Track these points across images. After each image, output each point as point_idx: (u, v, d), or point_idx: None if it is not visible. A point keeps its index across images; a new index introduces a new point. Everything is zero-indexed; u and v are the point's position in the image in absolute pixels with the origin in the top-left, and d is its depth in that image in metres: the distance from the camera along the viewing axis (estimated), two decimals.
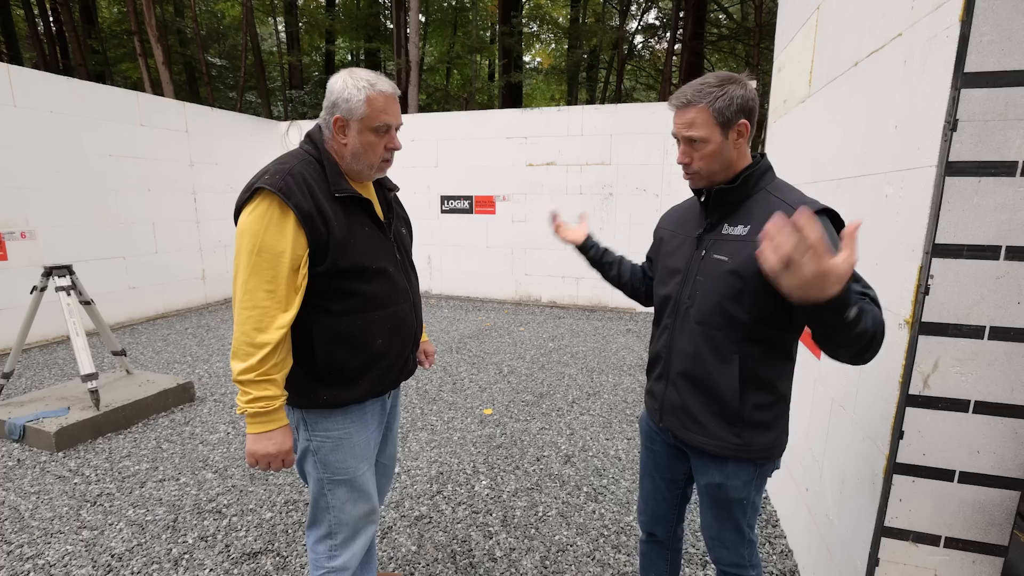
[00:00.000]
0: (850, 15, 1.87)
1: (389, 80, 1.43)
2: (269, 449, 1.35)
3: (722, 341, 1.28)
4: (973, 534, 1.39)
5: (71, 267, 3.63)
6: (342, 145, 1.42)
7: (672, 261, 1.42)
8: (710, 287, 1.28)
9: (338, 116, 1.38)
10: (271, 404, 1.33)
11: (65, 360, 4.87)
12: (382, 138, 1.42)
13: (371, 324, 1.45)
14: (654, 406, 1.49)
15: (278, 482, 2.81)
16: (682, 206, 1.53)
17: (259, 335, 1.30)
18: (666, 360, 1.42)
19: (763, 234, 0.94)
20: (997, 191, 1.22)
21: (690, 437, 1.38)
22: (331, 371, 1.44)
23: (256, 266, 1.31)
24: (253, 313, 1.31)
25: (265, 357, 1.30)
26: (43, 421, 3.22)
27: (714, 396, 1.31)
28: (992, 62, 1.17)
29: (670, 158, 6.62)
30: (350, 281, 1.41)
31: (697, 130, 1.23)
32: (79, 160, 5.66)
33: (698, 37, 12.39)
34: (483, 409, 3.82)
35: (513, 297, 7.63)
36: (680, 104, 1.26)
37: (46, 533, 2.40)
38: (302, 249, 1.33)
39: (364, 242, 1.43)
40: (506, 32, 13.18)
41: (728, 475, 1.36)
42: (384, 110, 1.39)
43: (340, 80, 1.39)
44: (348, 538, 1.55)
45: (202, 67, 13.62)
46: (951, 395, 1.34)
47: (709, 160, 1.26)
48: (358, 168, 1.45)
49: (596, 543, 2.36)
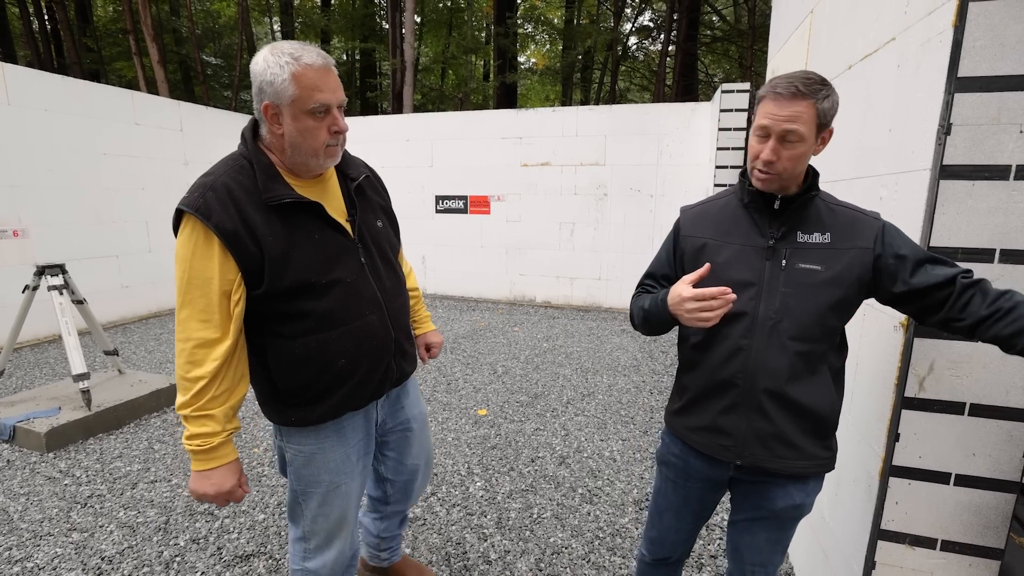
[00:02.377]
0: (844, 19, 1.88)
1: (318, 49, 1.21)
2: (207, 490, 1.25)
3: (814, 354, 1.22)
4: (969, 537, 1.39)
5: (64, 266, 3.60)
6: (279, 136, 1.23)
7: (733, 274, 1.24)
8: (807, 299, 1.19)
9: (267, 103, 1.19)
10: (208, 441, 1.23)
11: (56, 360, 4.83)
12: (322, 121, 1.21)
13: (328, 344, 1.30)
14: (724, 444, 1.29)
15: (271, 484, 2.80)
16: (708, 211, 1.36)
17: (193, 369, 1.20)
18: (746, 387, 1.24)
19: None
20: (990, 195, 1.22)
21: (783, 466, 1.25)
22: (293, 393, 1.34)
23: (188, 295, 1.19)
24: (186, 346, 1.20)
25: (200, 391, 1.20)
26: (33, 421, 3.18)
27: (810, 414, 1.23)
28: (985, 67, 1.18)
29: (664, 158, 6.63)
30: (297, 301, 1.26)
31: (801, 125, 1.11)
32: (73, 159, 5.62)
33: (692, 39, 12.43)
34: (478, 410, 3.81)
35: (507, 297, 7.62)
36: (790, 94, 1.11)
37: (35, 535, 2.37)
38: (232, 273, 1.19)
39: (311, 254, 1.26)
40: (501, 33, 13.18)
41: (808, 493, 1.30)
42: (316, 87, 1.17)
43: (261, 59, 1.18)
44: (321, 545, 1.50)
45: (197, 66, 13.56)
46: (946, 398, 1.34)
47: (796, 161, 1.15)
48: (301, 160, 1.25)
49: (591, 545, 2.35)
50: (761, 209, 1.25)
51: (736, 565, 1.45)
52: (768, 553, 1.38)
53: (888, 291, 1.18)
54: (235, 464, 1.30)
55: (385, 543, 1.93)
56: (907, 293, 1.15)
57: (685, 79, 12.24)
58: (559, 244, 7.27)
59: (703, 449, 1.33)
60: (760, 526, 1.36)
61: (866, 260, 1.17)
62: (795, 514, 1.33)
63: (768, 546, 1.37)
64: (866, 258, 1.17)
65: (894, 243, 1.16)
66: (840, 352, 1.29)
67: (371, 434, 1.56)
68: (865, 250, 1.17)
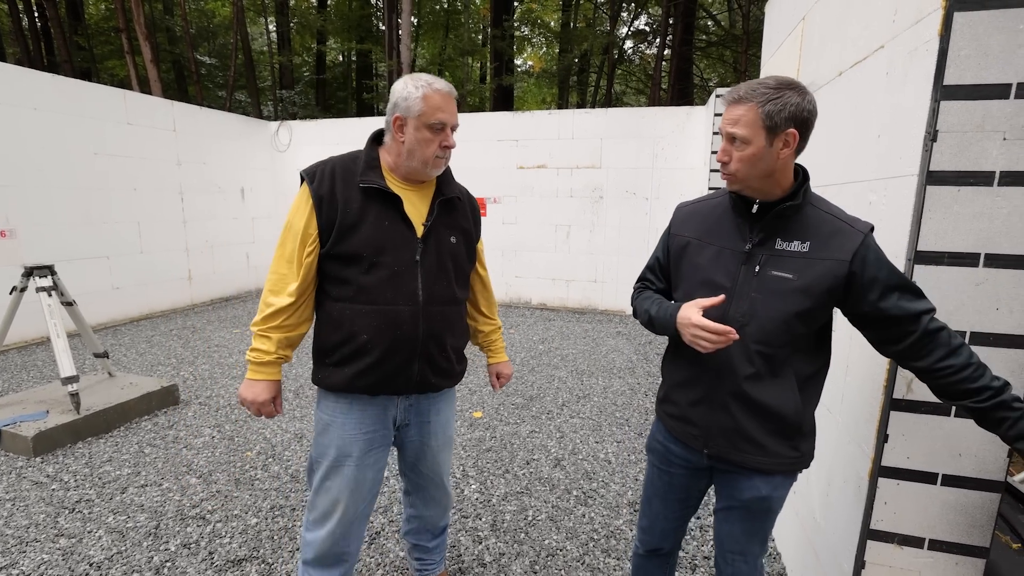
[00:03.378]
0: (834, 26, 1.90)
1: (447, 82, 1.49)
2: (247, 395, 1.53)
3: (779, 358, 1.25)
4: (956, 536, 1.41)
5: (53, 267, 3.56)
6: (399, 143, 1.48)
7: (711, 275, 1.31)
8: (773, 306, 1.22)
9: (397, 115, 1.46)
10: (261, 357, 1.50)
11: (45, 362, 4.78)
12: (437, 135, 1.46)
13: (358, 316, 1.48)
14: (693, 432, 1.38)
15: (264, 487, 2.79)
16: (700, 210, 1.41)
17: (271, 296, 1.49)
18: (710, 382, 1.32)
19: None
20: (976, 200, 1.25)
21: (745, 459, 1.32)
22: (323, 351, 1.55)
23: (283, 239, 1.49)
24: (272, 277, 1.49)
25: (269, 316, 1.48)
26: (20, 425, 3.14)
27: (773, 414, 1.27)
28: (970, 75, 1.20)
29: (659, 162, 6.67)
30: (347, 268, 1.47)
31: (740, 128, 1.16)
32: (63, 158, 5.58)
33: (687, 43, 12.48)
34: (473, 412, 3.81)
35: (503, 299, 7.62)
36: (732, 100, 1.19)
37: (21, 541, 2.35)
38: (312, 229, 1.45)
39: (373, 234, 1.46)
40: (498, 35, 13.20)
41: (775, 487, 1.35)
42: (440, 108, 1.45)
43: (401, 82, 1.47)
44: (318, 520, 1.61)
45: (191, 66, 13.48)
46: (933, 399, 1.36)
47: (747, 163, 1.18)
48: (413, 165, 1.49)
49: (586, 547, 2.36)
50: (743, 213, 1.29)
51: (719, 552, 1.51)
52: (745, 542, 1.43)
53: (852, 309, 1.21)
54: (275, 384, 1.56)
55: (416, 551, 1.97)
56: (870, 316, 1.19)
57: (680, 83, 12.29)
58: (555, 246, 7.28)
59: (677, 435, 1.44)
60: (735, 515, 1.42)
61: (839, 272, 1.17)
62: (763, 506, 1.37)
63: (744, 536, 1.43)
64: (839, 270, 1.17)
65: (872, 263, 1.16)
66: (812, 359, 1.29)
67: (388, 430, 1.63)
68: (840, 262, 1.17)
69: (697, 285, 1.33)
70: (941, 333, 1.14)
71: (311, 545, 1.63)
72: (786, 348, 1.25)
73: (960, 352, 1.13)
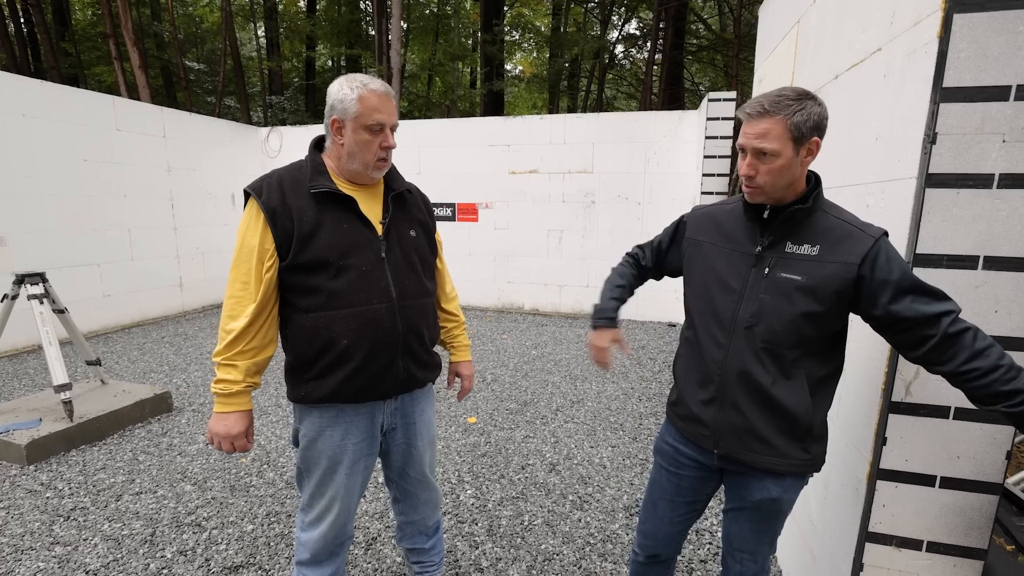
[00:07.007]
0: (830, 29, 1.92)
1: (383, 81, 1.47)
2: (219, 429, 1.47)
3: (788, 359, 1.27)
4: (954, 538, 1.42)
5: (44, 274, 3.52)
6: (339, 146, 1.46)
7: (723, 276, 1.35)
8: (780, 307, 1.25)
9: (335, 118, 1.43)
10: (228, 388, 1.44)
11: (36, 370, 4.72)
12: (376, 136, 1.44)
13: (334, 322, 1.45)
14: (704, 432, 1.40)
15: (259, 494, 2.75)
16: (715, 214, 1.45)
17: (230, 322, 1.43)
18: (721, 382, 1.34)
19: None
20: (975, 203, 1.25)
21: (755, 459, 1.33)
22: (299, 367, 1.50)
23: (237, 259, 1.43)
24: (230, 301, 1.43)
25: (231, 343, 1.42)
26: (13, 433, 3.10)
27: (785, 415, 1.28)
28: (969, 77, 1.21)
29: (652, 166, 6.69)
30: (313, 276, 1.44)
31: (770, 142, 1.17)
32: (53, 165, 5.51)
33: (678, 47, 12.59)
34: (467, 418, 3.79)
35: (496, 305, 7.61)
36: (756, 113, 1.19)
37: (16, 549, 2.31)
38: (269, 244, 1.41)
39: (335, 237, 1.44)
40: (488, 40, 13.21)
41: (786, 488, 1.36)
42: (377, 108, 1.42)
43: (336, 84, 1.45)
44: (314, 520, 1.61)
45: (180, 71, 13.39)
46: (932, 402, 1.37)
47: (776, 175, 1.20)
48: (354, 168, 1.47)
49: (582, 552, 2.35)
50: (754, 218, 1.32)
51: (727, 550, 1.53)
52: (754, 542, 1.45)
53: (866, 312, 1.22)
54: (247, 414, 1.50)
55: (413, 555, 1.94)
56: (884, 320, 1.19)
57: (671, 87, 12.38)
58: (547, 251, 7.28)
59: (688, 436, 1.45)
60: (745, 516, 1.44)
61: (847, 275, 1.18)
62: (773, 507, 1.38)
63: (753, 536, 1.44)
64: (848, 273, 1.18)
65: (882, 266, 1.16)
66: (824, 363, 1.30)
67: (375, 437, 1.62)
68: (849, 265, 1.18)
69: (706, 284, 1.39)
70: (964, 335, 1.11)
71: (306, 545, 1.62)
72: (796, 350, 1.26)
73: (987, 354, 1.09)
